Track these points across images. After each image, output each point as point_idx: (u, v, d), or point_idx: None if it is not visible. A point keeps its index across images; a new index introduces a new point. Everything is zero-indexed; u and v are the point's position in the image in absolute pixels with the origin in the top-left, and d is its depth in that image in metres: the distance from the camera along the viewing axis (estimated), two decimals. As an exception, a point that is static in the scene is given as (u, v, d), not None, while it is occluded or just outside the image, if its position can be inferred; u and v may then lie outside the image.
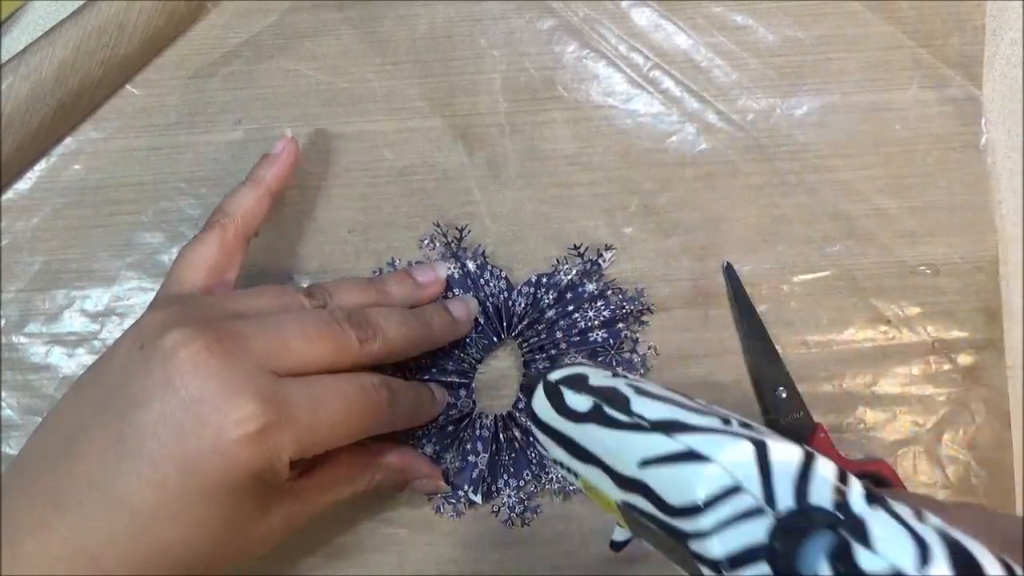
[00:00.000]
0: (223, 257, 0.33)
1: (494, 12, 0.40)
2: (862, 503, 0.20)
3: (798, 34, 0.40)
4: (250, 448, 0.26)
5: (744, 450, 0.21)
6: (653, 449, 0.23)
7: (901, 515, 0.19)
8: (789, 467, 0.21)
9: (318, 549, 0.38)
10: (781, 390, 0.38)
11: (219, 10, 0.40)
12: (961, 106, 0.39)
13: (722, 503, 0.21)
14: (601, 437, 0.24)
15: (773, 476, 0.21)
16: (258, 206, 0.34)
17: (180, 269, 0.33)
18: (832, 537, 0.19)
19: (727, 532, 0.21)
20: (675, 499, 0.22)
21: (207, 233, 0.33)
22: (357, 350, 0.30)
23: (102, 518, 0.26)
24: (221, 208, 0.34)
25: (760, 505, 0.21)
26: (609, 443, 0.24)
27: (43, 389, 0.39)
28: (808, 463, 0.21)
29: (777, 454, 0.21)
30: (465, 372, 0.38)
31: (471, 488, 0.37)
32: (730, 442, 0.21)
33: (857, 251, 0.39)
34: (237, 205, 0.34)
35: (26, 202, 0.40)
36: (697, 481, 0.21)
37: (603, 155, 0.39)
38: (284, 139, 0.36)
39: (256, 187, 0.35)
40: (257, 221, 0.35)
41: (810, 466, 0.21)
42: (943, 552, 0.18)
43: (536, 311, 0.38)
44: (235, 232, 0.33)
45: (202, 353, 0.26)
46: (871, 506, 0.20)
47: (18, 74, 0.37)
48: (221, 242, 0.33)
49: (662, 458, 0.22)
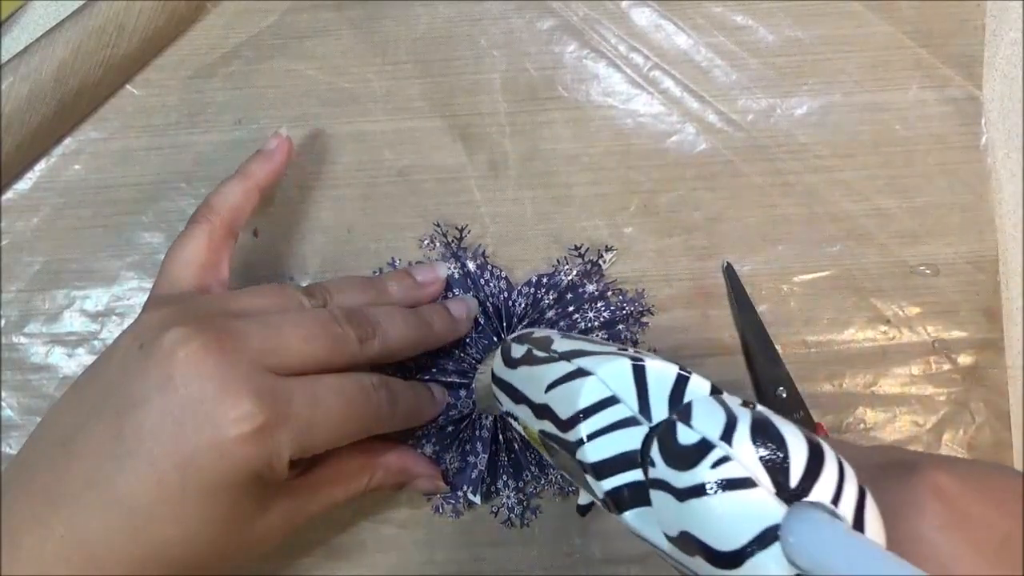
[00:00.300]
0: (212, 254, 0.33)
1: (494, 12, 0.40)
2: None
3: (798, 34, 0.40)
4: (249, 447, 0.26)
5: (623, 366, 0.23)
6: (556, 373, 0.25)
7: (727, 402, 0.21)
8: (665, 382, 0.23)
9: (318, 549, 0.38)
10: (781, 390, 0.38)
11: (219, 10, 0.40)
12: (961, 106, 0.39)
13: (599, 413, 0.23)
14: (527, 374, 0.27)
15: (649, 390, 0.23)
16: (246, 201, 0.34)
17: (172, 268, 0.32)
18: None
19: (603, 439, 0.23)
20: (565, 413, 0.24)
21: (193, 229, 0.33)
22: (357, 349, 0.30)
23: (100, 517, 0.26)
24: (207, 203, 0.34)
25: (635, 415, 0.23)
26: (531, 378, 0.27)
27: (43, 389, 0.39)
28: (684, 378, 0.23)
29: (654, 370, 0.23)
30: (465, 372, 0.38)
31: (470, 488, 0.37)
32: (612, 360, 0.23)
33: (857, 251, 0.39)
34: (223, 200, 0.33)
35: (26, 202, 0.40)
36: (579, 393, 0.23)
37: (603, 155, 0.39)
38: (278, 137, 0.36)
39: (244, 181, 0.34)
40: (244, 216, 0.34)
41: (686, 381, 0.23)
42: (747, 425, 0.20)
43: (536, 311, 0.38)
44: (221, 227, 0.33)
45: (200, 352, 0.26)
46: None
47: (18, 74, 0.37)
48: (209, 239, 0.33)
49: (560, 379, 0.25)
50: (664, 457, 0.21)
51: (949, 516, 0.22)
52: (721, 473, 0.19)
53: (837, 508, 0.19)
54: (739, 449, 0.19)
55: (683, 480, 0.20)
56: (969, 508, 0.22)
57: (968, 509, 0.22)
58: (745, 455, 0.19)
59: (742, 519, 0.19)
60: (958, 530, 0.21)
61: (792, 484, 0.19)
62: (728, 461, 0.19)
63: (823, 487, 0.19)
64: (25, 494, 0.27)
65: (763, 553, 0.18)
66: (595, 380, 0.23)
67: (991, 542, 0.21)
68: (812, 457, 0.19)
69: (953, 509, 0.22)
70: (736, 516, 0.19)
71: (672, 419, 0.21)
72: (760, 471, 0.19)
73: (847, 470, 0.20)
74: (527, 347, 0.28)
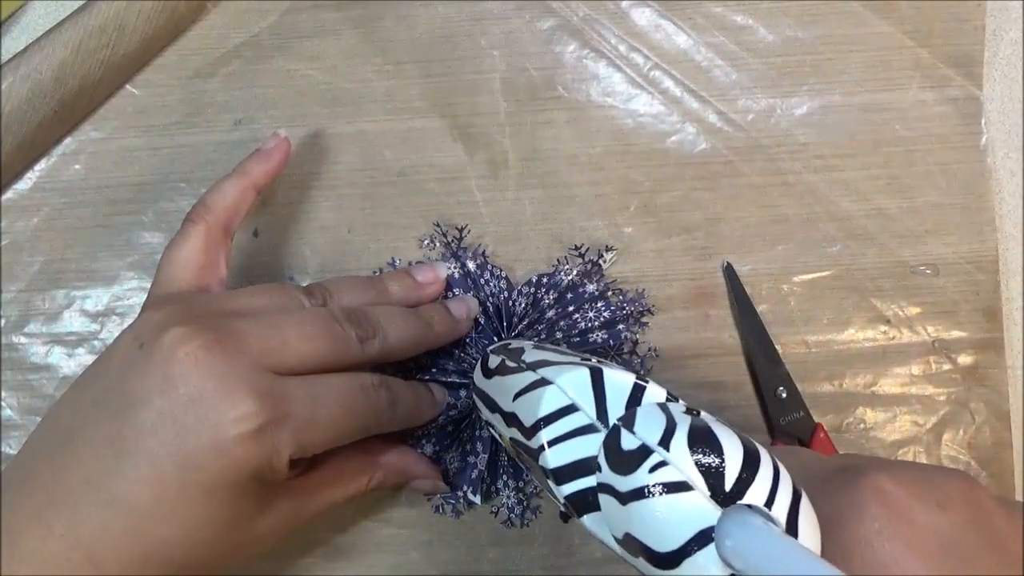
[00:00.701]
0: (209, 254, 0.32)
1: (494, 12, 0.40)
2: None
3: (798, 34, 0.40)
4: (248, 446, 0.26)
5: (581, 375, 0.24)
6: (522, 383, 0.26)
7: (671, 410, 0.22)
8: (622, 390, 0.24)
9: (318, 549, 0.38)
10: (781, 390, 0.38)
11: (219, 10, 0.40)
12: (961, 106, 0.39)
13: (559, 420, 0.24)
14: (499, 384, 0.28)
15: (607, 398, 0.24)
16: (242, 199, 0.34)
17: (169, 269, 0.32)
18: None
19: (562, 446, 0.24)
20: (528, 420, 0.25)
21: (188, 229, 0.32)
22: (357, 348, 0.30)
23: (99, 516, 0.26)
24: (203, 202, 0.33)
25: (593, 422, 0.23)
26: (502, 387, 0.27)
27: (43, 389, 0.39)
28: (641, 387, 0.24)
29: (611, 378, 0.24)
30: (465, 372, 0.38)
31: (470, 488, 0.37)
32: (571, 369, 0.24)
33: (857, 251, 0.39)
34: (219, 198, 0.33)
35: (26, 202, 0.40)
36: (540, 401, 0.24)
37: (603, 155, 0.39)
38: (277, 137, 0.36)
39: (241, 179, 0.34)
40: (240, 215, 0.34)
41: (643, 390, 0.24)
42: (685, 431, 0.21)
43: (536, 311, 0.38)
44: (217, 227, 0.33)
45: (200, 351, 0.26)
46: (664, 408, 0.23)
47: (18, 74, 0.37)
48: (205, 239, 0.32)
49: (525, 388, 0.26)
50: (608, 462, 0.22)
51: (890, 519, 0.22)
52: (659, 477, 0.20)
53: (771, 511, 0.20)
54: (676, 454, 0.20)
55: (625, 484, 0.21)
56: (912, 512, 0.22)
57: (911, 513, 0.22)
58: (681, 460, 0.20)
59: (679, 521, 0.20)
60: (899, 534, 0.21)
61: (727, 487, 0.20)
62: (665, 466, 0.20)
63: (757, 490, 0.20)
64: (25, 493, 0.27)
65: (700, 553, 0.19)
66: (555, 388, 0.24)
67: (935, 546, 0.21)
68: (747, 461, 0.20)
69: (895, 513, 0.22)
70: (673, 518, 0.20)
71: (617, 425, 0.22)
72: (696, 475, 0.20)
73: (783, 473, 0.20)
74: (501, 358, 0.29)
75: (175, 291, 0.32)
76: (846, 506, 0.22)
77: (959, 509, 0.22)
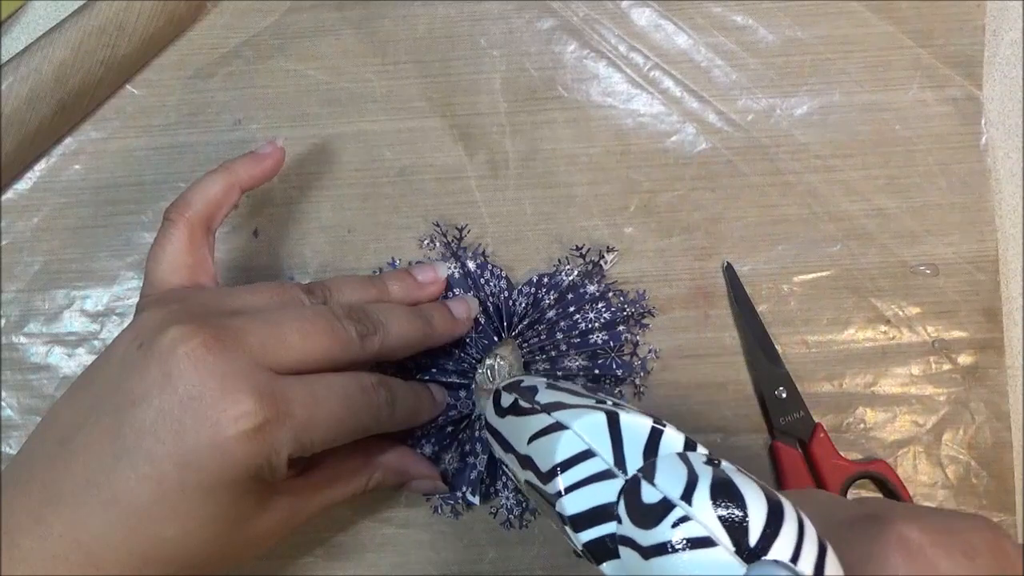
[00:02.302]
0: (194, 254, 0.32)
1: (494, 12, 0.40)
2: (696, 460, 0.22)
3: (798, 34, 0.40)
4: (248, 444, 0.26)
5: (598, 419, 0.24)
6: (537, 426, 0.25)
7: (691, 461, 0.22)
8: (639, 435, 0.23)
9: (318, 549, 0.38)
10: (781, 390, 0.38)
11: (219, 10, 0.40)
12: (961, 106, 0.39)
13: (576, 466, 0.23)
14: (513, 425, 0.27)
15: (624, 443, 0.23)
16: (225, 196, 0.33)
17: (157, 272, 0.32)
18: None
19: (579, 492, 0.23)
20: (544, 465, 0.24)
21: (169, 230, 0.32)
22: (357, 346, 0.30)
23: (98, 515, 0.26)
24: (183, 198, 0.33)
25: (611, 468, 0.23)
26: (516, 428, 0.27)
27: (43, 389, 0.39)
28: (658, 431, 0.23)
29: (628, 422, 0.23)
30: (465, 372, 0.38)
31: (469, 489, 0.37)
32: (587, 413, 0.24)
33: (857, 251, 0.39)
34: (202, 194, 0.33)
35: (26, 202, 0.40)
36: (556, 447, 0.24)
37: (603, 155, 0.39)
38: (272, 144, 0.35)
39: (227, 175, 0.33)
40: (221, 211, 0.33)
41: (660, 434, 0.23)
42: (707, 484, 0.20)
43: (537, 311, 0.38)
44: (199, 224, 0.32)
45: (200, 350, 0.26)
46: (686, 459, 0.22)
47: (18, 74, 0.37)
48: (189, 239, 0.32)
49: (540, 432, 0.25)
50: (629, 514, 0.21)
51: (915, 569, 0.21)
52: (682, 532, 0.20)
53: (796, 566, 0.19)
54: (699, 508, 0.20)
55: (647, 538, 0.20)
56: (937, 561, 0.22)
57: (936, 562, 0.22)
58: (704, 514, 0.20)
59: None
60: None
61: (751, 542, 0.19)
62: (688, 521, 0.20)
63: (783, 545, 0.20)
64: (24, 493, 0.27)
65: None
66: (571, 434, 0.24)
67: None
68: (771, 515, 0.20)
69: (919, 562, 0.22)
70: (697, 575, 0.19)
71: (637, 477, 0.22)
72: (719, 530, 0.20)
73: (807, 527, 0.20)
74: (514, 397, 0.29)
75: (172, 289, 0.32)
76: (870, 555, 0.22)
77: (984, 559, 0.22)
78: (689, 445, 0.23)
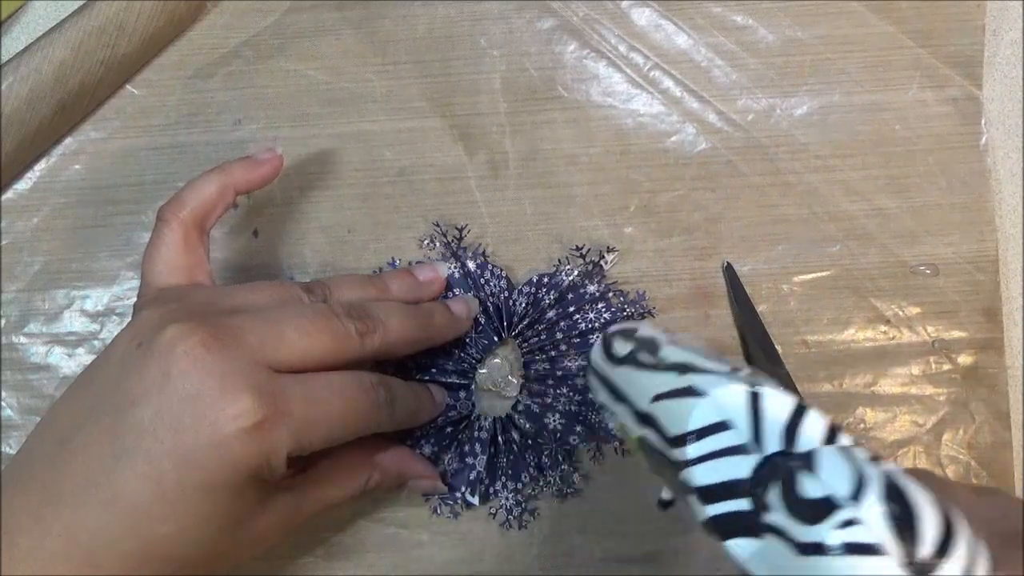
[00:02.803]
0: (189, 255, 0.32)
1: (494, 12, 0.40)
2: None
3: (798, 34, 0.40)
4: (247, 443, 0.26)
5: (737, 392, 0.22)
6: (664, 386, 0.24)
7: (856, 456, 0.20)
8: (780, 414, 0.22)
9: (318, 549, 0.38)
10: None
11: (219, 10, 0.40)
12: (961, 106, 0.39)
13: (709, 436, 0.22)
14: (630, 377, 0.26)
15: (763, 421, 0.22)
16: (219, 197, 0.33)
17: (154, 274, 0.32)
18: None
19: (711, 464, 0.22)
20: (672, 430, 0.23)
21: (163, 232, 0.32)
22: (356, 343, 0.30)
23: (98, 515, 0.26)
24: (177, 197, 0.32)
25: (746, 443, 0.22)
26: (634, 382, 0.26)
27: (43, 389, 0.39)
28: (801, 410, 0.22)
29: (770, 400, 0.22)
30: (465, 372, 0.38)
31: (468, 490, 0.37)
32: (727, 383, 0.23)
33: (857, 251, 0.39)
34: (196, 194, 0.32)
35: (26, 202, 0.40)
36: (690, 413, 0.23)
37: (603, 155, 0.39)
38: (271, 151, 0.35)
39: (222, 176, 0.33)
40: (215, 212, 0.33)
41: (803, 414, 0.22)
42: (878, 487, 0.19)
43: (537, 311, 0.38)
44: (193, 225, 0.32)
45: (198, 348, 0.26)
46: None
47: (18, 74, 0.37)
48: (183, 241, 0.32)
49: (668, 393, 0.24)
50: (786, 505, 0.20)
51: None
52: (847, 536, 0.19)
53: None
54: (868, 513, 0.19)
55: (804, 534, 0.19)
56: None
57: None
58: (874, 520, 0.19)
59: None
60: None
61: (922, 556, 0.18)
62: (856, 524, 0.19)
63: (954, 564, 0.18)
64: (23, 493, 0.27)
65: None
66: (708, 402, 0.23)
67: None
68: (945, 528, 0.19)
69: None
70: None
71: (795, 466, 0.21)
72: (889, 539, 0.18)
73: (980, 548, 0.19)
74: (631, 347, 0.27)
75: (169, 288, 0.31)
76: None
77: None
78: (833, 429, 0.22)
